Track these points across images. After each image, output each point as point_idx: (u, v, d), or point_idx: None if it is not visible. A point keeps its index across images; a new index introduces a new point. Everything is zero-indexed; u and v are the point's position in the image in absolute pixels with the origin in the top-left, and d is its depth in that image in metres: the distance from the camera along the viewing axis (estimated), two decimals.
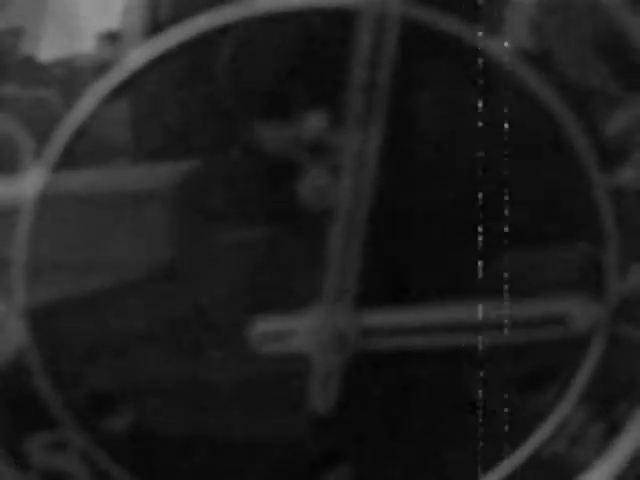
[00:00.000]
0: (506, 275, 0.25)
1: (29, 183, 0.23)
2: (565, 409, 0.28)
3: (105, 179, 0.25)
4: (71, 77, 0.24)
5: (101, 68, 0.22)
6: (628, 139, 0.24)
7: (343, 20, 0.21)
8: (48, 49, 0.25)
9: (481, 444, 0.28)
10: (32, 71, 0.25)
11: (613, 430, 0.29)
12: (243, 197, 0.24)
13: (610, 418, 0.29)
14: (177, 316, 0.26)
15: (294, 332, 0.25)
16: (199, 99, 0.23)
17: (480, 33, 0.22)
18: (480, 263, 0.25)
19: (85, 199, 0.24)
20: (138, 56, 0.22)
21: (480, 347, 0.26)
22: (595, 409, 0.28)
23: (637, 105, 0.24)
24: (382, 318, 0.25)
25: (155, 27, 0.22)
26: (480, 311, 0.25)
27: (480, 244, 0.25)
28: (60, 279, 0.26)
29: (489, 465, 0.29)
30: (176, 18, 0.22)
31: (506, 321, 0.25)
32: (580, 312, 0.26)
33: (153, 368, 0.27)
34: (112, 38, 0.22)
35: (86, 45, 0.23)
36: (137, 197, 0.25)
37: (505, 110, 0.23)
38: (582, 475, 0.29)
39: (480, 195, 0.24)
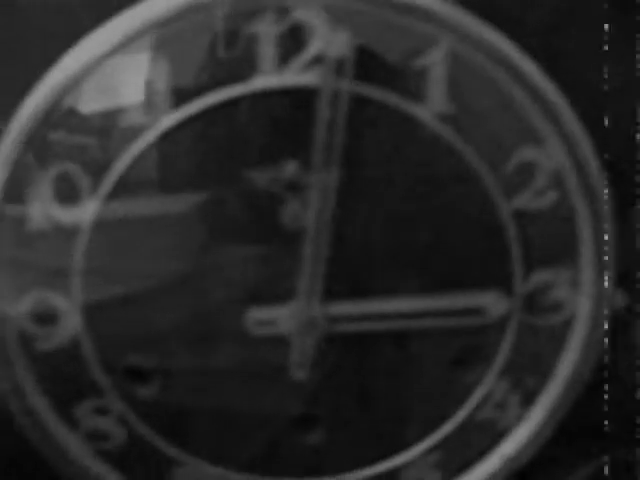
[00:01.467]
0: (437, 276, 0.34)
1: (86, 211, 0.33)
2: (489, 382, 0.37)
3: (141, 206, 0.34)
4: (108, 128, 0.33)
5: (136, 129, 0.32)
6: (522, 175, 0.33)
7: (308, 96, 0.31)
8: (88, 103, 0.34)
9: (426, 409, 0.37)
10: (75, 121, 0.34)
11: (528, 398, 0.38)
12: (241, 220, 0.33)
13: (525, 389, 0.37)
14: (193, 310, 0.36)
15: (278, 319, 0.34)
16: (210, 151, 0.32)
17: (409, 101, 0.32)
18: (418, 267, 0.34)
19: (127, 222, 0.34)
20: (165, 121, 0.31)
21: (418, 331, 0.35)
22: (513, 382, 0.37)
23: (527, 152, 0.33)
24: (343, 309, 0.34)
25: (177, 97, 0.32)
26: (418, 303, 0.34)
27: (417, 253, 0.34)
28: (107, 283, 0.35)
29: (435, 425, 0.38)
30: (194, 90, 0.32)
31: (437, 310, 0.34)
32: (493, 305, 0.35)
33: (174, 350, 0.36)
34: (146, 105, 0.32)
35: (122, 101, 0.33)
36: (164, 219, 0.34)
37: (429, 157, 0.32)
38: (507, 434, 0.38)
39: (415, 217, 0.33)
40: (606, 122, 0.34)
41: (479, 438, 0.38)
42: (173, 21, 0.30)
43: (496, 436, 0.38)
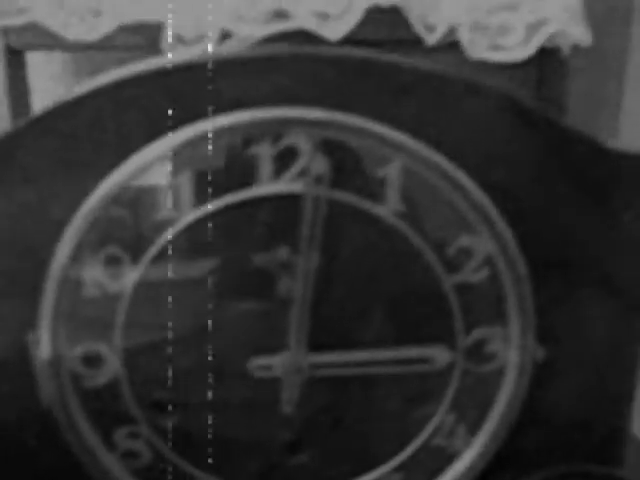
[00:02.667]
0: (396, 333, 0.45)
1: (127, 281, 0.44)
2: (440, 415, 0.47)
3: (168, 273, 0.45)
4: (146, 221, 0.44)
5: (167, 221, 0.43)
6: (461, 257, 0.44)
7: (296, 200, 0.42)
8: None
9: (390, 437, 0.48)
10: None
11: (472, 429, 0.48)
12: (245, 289, 0.44)
13: (470, 421, 0.48)
14: (207, 357, 0.46)
15: (273, 365, 0.45)
16: (223, 237, 0.43)
17: (372, 203, 0.42)
18: (381, 326, 0.45)
19: (157, 286, 0.44)
20: (189, 216, 0.42)
21: (382, 375, 0.45)
22: (459, 415, 0.47)
23: (464, 240, 0.44)
24: (323, 358, 0.45)
25: (198, 199, 0.42)
26: (381, 354, 0.45)
27: (380, 316, 0.45)
28: (140, 335, 0.46)
29: (397, 450, 0.48)
30: (211, 193, 0.43)
31: (396, 360, 0.45)
32: (440, 356, 0.45)
33: (191, 388, 0.47)
34: (175, 204, 0.43)
35: (158, 200, 0.44)
36: (185, 283, 0.45)
37: (388, 244, 0.43)
38: (456, 458, 0.49)
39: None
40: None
41: (433, 460, 0.48)
42: (196, 143, 0.41)
43: (447, 459, 0.49)
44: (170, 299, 0.45)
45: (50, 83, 0.64)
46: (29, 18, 0.44)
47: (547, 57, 0.57)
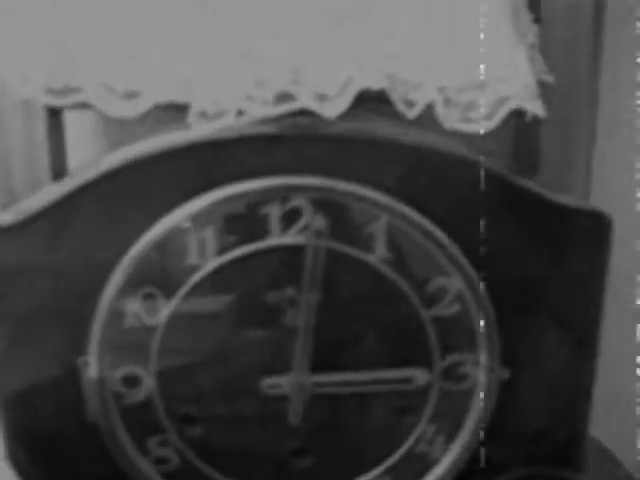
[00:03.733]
0: (383, 358, 0.55)
1: (161, 316, 0.54)
2: (422, 426, 0.57)
3: (194, 307, 0.55)
4: (170, 251, 0.54)
5: (194, 266, 0.53)
6: (437, 295, 0.54)
7: (300, 250, 0.52)
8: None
9: (380, 444, 0.58)
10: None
11: (450, 438, 0.58)
12: (258, 321, 0.54)
13: (447, 431, 0.58)
14: (226, 377, 0.56)
15: (282, 384, 0.55)
16: (239, 280, 0.53)
17: (363, 251, 0.53)
18: (370, 352, 0.55)
19: (186, 318, 0.54)
20: (212, 263, 0.53)
21: (372, 392, 0.55)
22: (438, 426, 0.57)
23: (440, 281, 0.54)
24: (323, 378, 0.55)
25: (220, 248, 0.53)
26: (370, 375, 0.55)
27: (370, 343, 0.55)
28: (171, 358, 0.56)
29: (386, 455, 0.58)
30: (231, 244, 0.53)
31: (383, 380, 0.55)
32: (420, 376, 0.55)
33: (213, 403, 0.57)
34: (200, 251, 0.53)
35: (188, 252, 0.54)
36: (206, 315, 0.55)
37: (377, 285, 0.53)
38: (436, 463, 0.58)
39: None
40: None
41: (417, 465, 0.58)
42: (219, 204, 0.51)
43: (428, 464, 0.59)
44: (196, 329, 0.55)
45: (84, 135, 0.74)
46: (78, 99, 0.55)
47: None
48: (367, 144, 0.51)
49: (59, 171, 0.68)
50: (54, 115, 0.63)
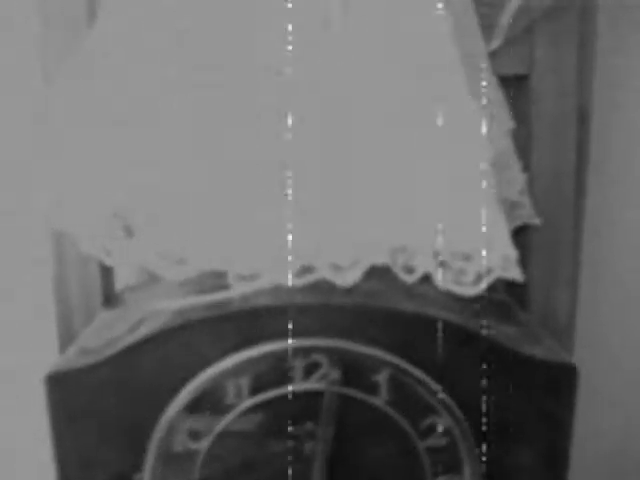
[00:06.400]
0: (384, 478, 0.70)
1: (203, 442, 0.69)
2: None
3: (229, 424, 0.70)
4: (211, 394, 0.69)
5: (225, 409, 0.68)
6: (430, 429, 0.69)
7: (319, 394, 0.67)
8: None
9: None
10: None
11: None
12: (282, 447, 0.69)
13: None
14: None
15: None
16: (266, 413, 0.68)
17: (368, 395, 0.67)
18: (374, 474, 0.70)
19: (225, 435, 0.70)
20: (247, 402, 0.68)
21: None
22: None
23: (432, 418, 0.68)
24: None
25: (252, 391, 0.68)
26: None
27: (375, 466, 0.70)
28: (212, 468, 0.71)
29: None
30: (260, 389, 0.68)
31: None
32: None
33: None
34: (236, 394, 0.68)
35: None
36: (238, 432, 0.71)
37: (380, 422, 0.68)
38: None
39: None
40: None
41: None
42: (252, 360, 0.66)
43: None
44: (231, 446, 0.70)
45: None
46: (136, 261, 0.70)
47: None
48: (376, 313, 0.66)
49: (108, 296, 0.84)
50: None
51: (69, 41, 0.79)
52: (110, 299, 0.84)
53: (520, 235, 0.84)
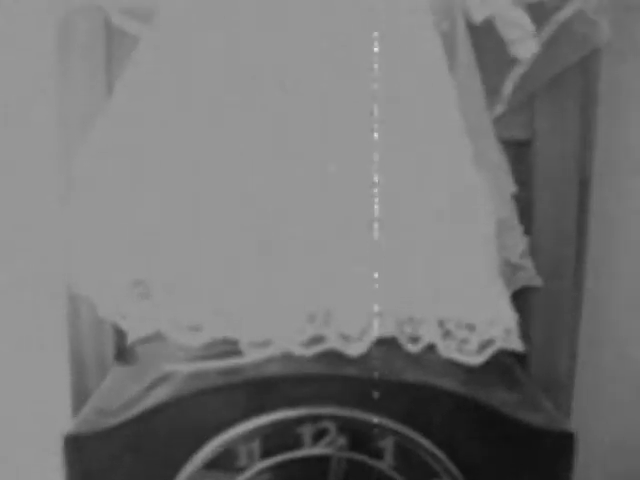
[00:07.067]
0: None
1: None
2: None
3: None
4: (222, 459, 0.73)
5: (240, 468, 0.72)
6: None
7: (326, 458, 0.70)
8: None
9: None
10: None
11: None
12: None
13: None
14: None
15: None
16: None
17: (374, 460, 0.71)
18: None
19: None
20: (259, 465, 0.71)
21: None
22: None
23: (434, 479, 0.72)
24: None
25: (263, 453, 0.71)
26: None
27: None
28: None
29: None
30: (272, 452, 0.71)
31: None
32: None
33: None
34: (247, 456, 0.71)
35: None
36: None
37: None
38: None
39: None
40: None
41: None
42: (264, 426, 0.70)
43: None
44: None
45: None
46: (151, 329, 0.73)
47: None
48: (381, 383, 0.70)
49: (121, 349, 0.88)
50: None
51: (87, 115, 0.83)
52: (123, 353, 0.88)
53: (521, 296, 0.88)
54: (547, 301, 0.89)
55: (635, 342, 1.01)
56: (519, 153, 0.91)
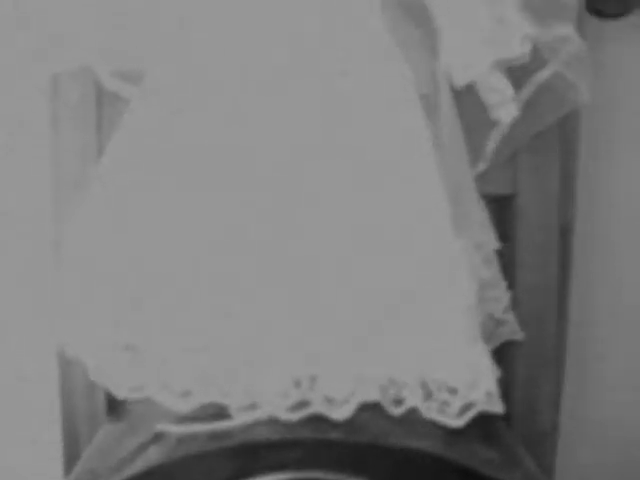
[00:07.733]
0: None
1: None
2: None
3: None
4: None
5: None
6: None
7: None
8: None
9: None
10: None
11: None
12: None
13: None
14: None
15: None
16: None
17: None
18: None
19: None
20: None
21: None
22: None
23: None
24: None
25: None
26: None
27: None
28: None
29: None
30: None
31: None
32: None
33: None
34: None
35: None
36: None
37: None
38: None
39: None
40: None
41: None
42: None
43: None
44: None
45: None
46: (142, 395, 0.76)
47: None
48: (365, 447, 0.73)
49: (113, 404, 0.91)
50: None
51: (80, 176, 0.86)
52: (115, 408, 0.91)
53: (503, 348, 0.91)
54: (530, 352, 0.92)
55: (621, 391, 1.04)
56: (502, 207, 0.94)
